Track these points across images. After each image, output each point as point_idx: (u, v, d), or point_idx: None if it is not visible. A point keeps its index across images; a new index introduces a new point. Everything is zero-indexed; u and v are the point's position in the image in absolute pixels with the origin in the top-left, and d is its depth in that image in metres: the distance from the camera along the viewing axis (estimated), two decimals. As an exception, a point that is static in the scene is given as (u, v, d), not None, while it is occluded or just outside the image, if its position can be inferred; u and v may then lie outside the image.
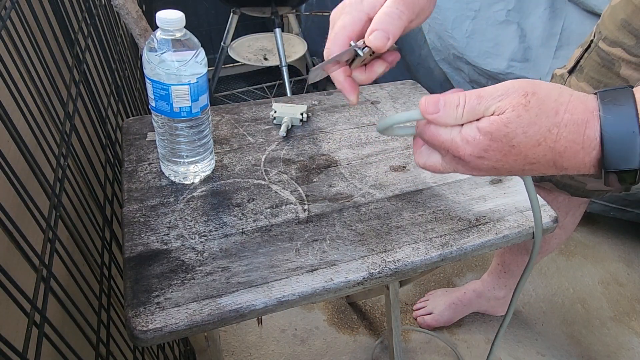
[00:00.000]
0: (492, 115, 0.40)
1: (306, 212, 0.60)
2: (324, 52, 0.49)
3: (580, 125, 0.38)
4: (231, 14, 1.79)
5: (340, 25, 0.48)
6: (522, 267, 1.13)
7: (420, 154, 0.47)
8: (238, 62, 1.95)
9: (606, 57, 0.74)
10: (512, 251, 1.11)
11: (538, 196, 0.64)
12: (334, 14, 0.50)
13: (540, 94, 0.39)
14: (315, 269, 0.53)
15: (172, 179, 0.64)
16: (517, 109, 0.39)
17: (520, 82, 0.40)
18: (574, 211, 0.97)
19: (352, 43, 0.47)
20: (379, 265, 0.54)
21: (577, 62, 0.80)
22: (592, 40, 0.77)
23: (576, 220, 1.05)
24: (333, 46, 0.48)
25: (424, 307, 1.27)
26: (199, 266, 0.52)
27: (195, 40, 0.55)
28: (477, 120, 0.41)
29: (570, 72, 0.81)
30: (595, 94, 0.40)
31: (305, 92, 1.79)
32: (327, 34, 0.50)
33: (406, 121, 0.46)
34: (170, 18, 0.52)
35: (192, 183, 0.64)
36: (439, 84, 1.56)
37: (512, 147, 0.40)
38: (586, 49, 0.78)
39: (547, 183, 0.88)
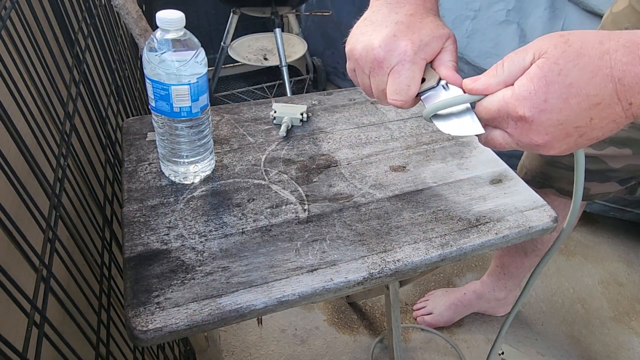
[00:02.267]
0: (535, 60, 0.39)
1: (306, 212, 0.60)
2: (393, 100, 0.49)
3: (631, 47, 0.36)
4: (231, 14, 1.79)
5: (410, 77, 0.47)
6: (521, 269, 1.13)
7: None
8: (238, 62, 1.95)
9: None
10: (510, 253, 1.11)
11: (538, 197, 0.65)
12: (386, 55, 0.47)
13: (576, 32, 0.38)
14: (315, 269, 0.53)
15: (172, 179, 0.64)
16: (559, 45, 0.38)
17: (553, 33, 0.40)
18: None
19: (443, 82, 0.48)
20: (379, 265, 0.54)
21: None
22: None
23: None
24: (407, 96, 0.48)
25: (424, 307, 1.27)
26: (199, 266, 0.52)
27: (195, 40, 0.55)
28: (523, 69, 0.39)
29: None
30: None
31: (305, 92, 1.79)
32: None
33: (455, 104, 0.46)
34: (170, 18, 0.52)
35: (192, 183, 0.64)
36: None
37: (570, 87, 0.37)
38: None
39: (550, 189, 0.88)
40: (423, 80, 0.48)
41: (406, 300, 1.32)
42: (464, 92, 0.46)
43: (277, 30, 1.70)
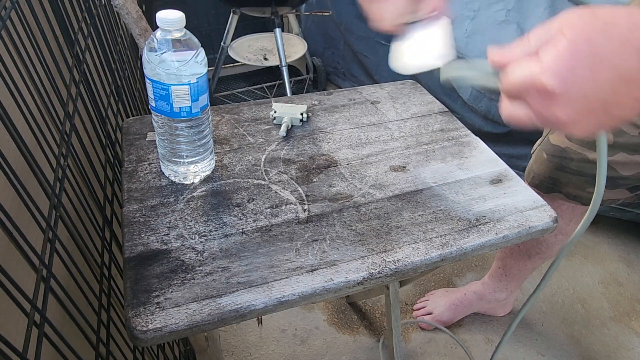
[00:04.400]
0: (562, 31, 0.37)
1: (306, 212, 0.60)
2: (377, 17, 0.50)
3: None
4: (231, 14, 1.79)
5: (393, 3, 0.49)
6: (523, 271, 1.13)
7: (505, 106, 0.44)
8: (238, 62, 1.95)
9: None
10: (513, 255, 1.10)
11: (538, 197, 0.64)
12: None
13: (605, 6, 0.37)
14: (315, 269, 0.53)
15: (172, 179, 0.64)
16: (586, 16, 0.36)
17: (582, 7, 0.38)
18: (577, 218, 0.97)
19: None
20: (379, 265, 0.54)
21: None
22: None
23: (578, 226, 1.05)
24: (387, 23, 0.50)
25: (424, 307, 1.27)
26: (199, 266, 0.52)
27: (195, 40, 0.55)
28: (550, 42, 0.38)
29: None
30: None
31: (305, 92, 1.79)
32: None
33: (475, 74, 0.45)
34: (170, 18, 0.52)
35: (192, 183, 0.64)
36: (439, 84, 1.56)
37: (597, 56, 0.36)
38: None
39: (558, 194, 0.88)
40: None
41: (406, 300, 1.32)
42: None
43: (277, 30, 1.70)
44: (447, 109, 0.82)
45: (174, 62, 0.53)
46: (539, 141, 0.92)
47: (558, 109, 0.39)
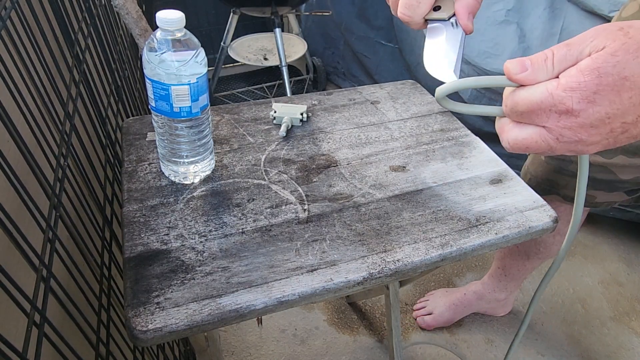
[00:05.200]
0: (589, 55, 0.36)
1: (306, 212, 0.60)
2: (401, 14, 0.48)
3: None
4: (231, 14, 1.79)
5: None
6: (522, 271, 1.13)
7: (508, 130, 0.41)
8: (238, 62, 1.95)
9: None
10: (512, 255, 1.11)
11: (538, 197, 0.64)
12: None
13: (635, 25, 0.36)
14: (315, 269, 0.53)
15: (172, 179, 0.64)
16: (618, 38, 0.35)
17: (609, 23, 0.37)
18: None
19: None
20: (379, 265, 0.54)
21: None
22: None
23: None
24: (415, 14, 0.48)
25: (424, 307, 1.27)
26: (199, 266, 0.52)
27: (195, 40, 0.55)
28: (574, 65, 0.37)
29: None
30: None
31: (305, 92, 1.79)
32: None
33: (486, 85, 0.43)
34: (170, 18, 0.52)
35: (192, 183, 0.64)
36: (439, 84, 1.56)
37: (625, 80, 0.35)
38: None
39: (555, 196, 0.88)
40: (438, 8, 0.48)
41: (406, 300, 1.32)
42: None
43: (277, 30, 1.70)
44: (447, 109, 0.82)
45: (174, 62, 0.53)
46: None
47: (579, 129, 0.37)
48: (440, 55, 0.48)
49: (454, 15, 0.47)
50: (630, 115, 0.36)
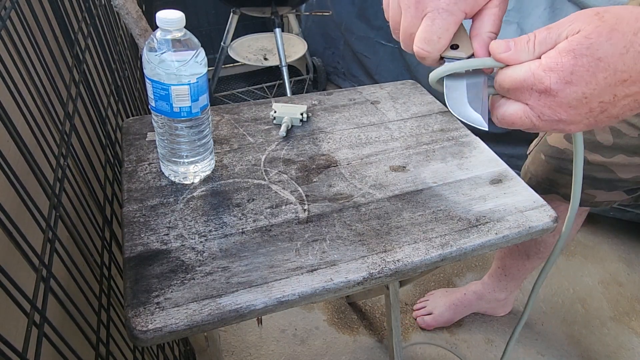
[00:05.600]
0: (566, 38, 0.38)
1: (306, 212, 0.60)
2: (420, 49, 0.46)
3: None
4: (231, 14, 1.79)
5: (444, 28, 0.44)
6: (522, 271, 1.13)
7: (498, 107, 0.44)
8: (238, 62, 1.95)
9: None
10: (512, 255, 1.11)
11: (538, 196, 0.64)
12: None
13: (612, 9, 0.37)
14: (315, 269, 0.53)
15: (172, 179, 0.64)
16: (592, 21, 0.37)
17: (589, 9, 0.39)
18: (576, 219, 0.97)
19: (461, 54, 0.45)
20: (379, 265, 0.54)
21: None
22: None
23: (577, 226, 1.04)
24: (434, 50, 0.45)
25: (424, 307, 1.27)
26: (199, 266, 0.52)
27: (195, 40, 0.55)
28: (553, 47, 0.39)
29: None
30: None
31: (305, 92, 1.79)
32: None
33: (475, 67, 0.44)
34: (170, 18, 0.52)
35: (192, 183, 0.64)
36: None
37: (599, 61, 0.37)
38: None
39: (555, 195, 0.88)
40: (456, 47, 0.46)
41: (406, 300, 1.32)
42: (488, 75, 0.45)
43: (277, 30, 1.70)
44: (447, 109, 0.82)
45: (174, 62, 0.53)
46: (535, 142, 0.92)
47: (558, 108, 0.40)
48: (465, 100, 0.46)
49: (472, 55, 0.45)
50: (606, 95, 0.38)
